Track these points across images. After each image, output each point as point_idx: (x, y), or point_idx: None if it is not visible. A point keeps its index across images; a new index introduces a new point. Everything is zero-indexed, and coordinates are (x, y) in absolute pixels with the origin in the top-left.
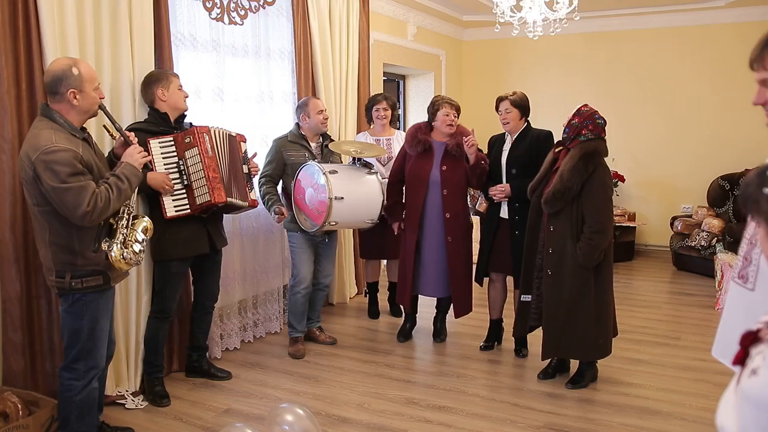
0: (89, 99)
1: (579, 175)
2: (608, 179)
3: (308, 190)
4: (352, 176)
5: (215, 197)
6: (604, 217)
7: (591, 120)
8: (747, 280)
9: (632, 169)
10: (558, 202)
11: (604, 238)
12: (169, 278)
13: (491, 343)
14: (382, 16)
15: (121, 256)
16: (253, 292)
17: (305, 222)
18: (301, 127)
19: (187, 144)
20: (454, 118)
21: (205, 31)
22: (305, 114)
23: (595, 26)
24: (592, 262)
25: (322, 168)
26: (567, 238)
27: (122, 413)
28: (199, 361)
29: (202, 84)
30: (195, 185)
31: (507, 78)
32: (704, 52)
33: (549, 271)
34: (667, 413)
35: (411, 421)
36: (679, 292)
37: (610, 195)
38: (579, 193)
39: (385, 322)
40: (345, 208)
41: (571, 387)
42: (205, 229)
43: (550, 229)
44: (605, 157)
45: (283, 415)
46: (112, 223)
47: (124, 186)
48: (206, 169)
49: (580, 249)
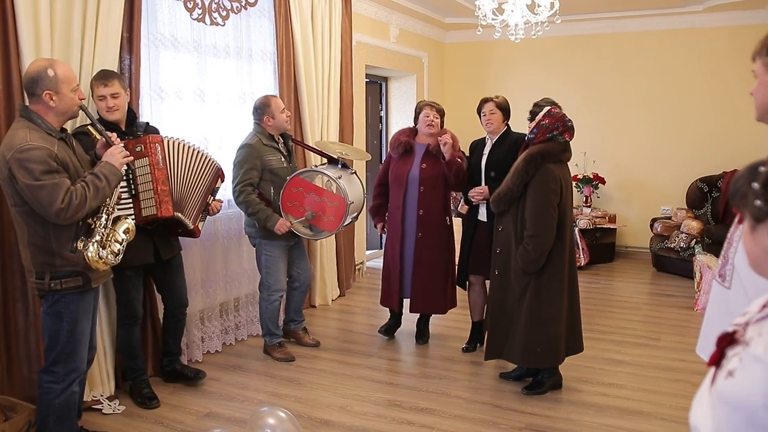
0: (66, 100)
1: (520, 176)
2: (551, 183)
3: (310, 198)
4: (348, 178)
5: (162, 211)
6: (541, 222)
7: (562, 122)
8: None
9: (612, 171)
10: (502, 202)
11: (540, 243)
12: (125, 282)
13: (473, 345)
14: (365, 17)
15: (98, 256)
16: (234, 294)
17: (304, 230)
18: (265, 128)
19: (138, 153)
20: (434, 119)
21: (187, 32)
22: (269, 115)
23: (576, 29)
24: (529, 266)
25: (330, 174)
26: (511, 239)
27: (101, 418)
28: (171, 365)
29: (183, 85)
30: (142, 196)
31: (489, 80)
32: (683, 56)
33: (496, 272)
34: (647, 413)
35: (393, 424)
36: (658, 293)
37: (553, 200)
38: (523, 195)
39: (367, 324)
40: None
41: (527, 393)
42: (151, 240)
43: (498, 229)
44: (567, 161)
45: (264, 418)
46: (90, 222)
47: (101, 184)
48: (155, 182)
49: (519, 252)
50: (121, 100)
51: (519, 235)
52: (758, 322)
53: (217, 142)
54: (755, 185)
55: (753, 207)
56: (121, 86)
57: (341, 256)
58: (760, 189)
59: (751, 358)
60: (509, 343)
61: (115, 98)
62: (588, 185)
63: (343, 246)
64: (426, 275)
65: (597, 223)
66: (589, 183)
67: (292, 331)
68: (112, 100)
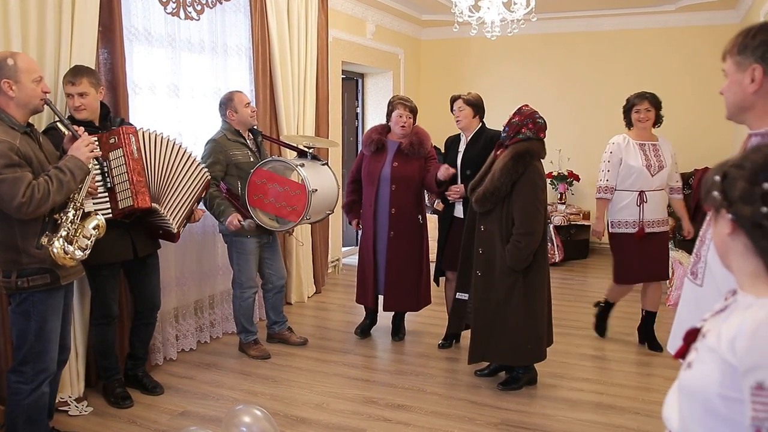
0: (27, 91)
1: (509, 175)
2: (540, 180)
3: (273, 188)
4: (314, 168)
5: (138, 201)
6: (533, 220)
7: (531, 119)
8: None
9: (587, 168)
10: (488, 202)
11: (532, 241)
12: (101, 281)
13: (449, 341)
14: (341, 13)
15: (63, 252)
16: (209, 292)
17: (270, 222)
18: (230, 123)
19: (112, 145)
20: (407, 120)
21: (160, 26)
22: (231, 110)
23: (551, 27)
24: (520, 264)
25: (291, 163)
26: (496, 238)
27: (69, 419)
28: (134, 369)
29: (156, 80)
30: (118, 188)
31: (465, 77)
32: (656, 55)
33: (478, 272)
34: (620, 407)
35: (370, 420)
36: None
37: (542, 197)
38: (510, 193)
39: (343, 321)
40: (317, 201)
41: (502, 389)
42: (129, 236)
43: (480, 228)
44: (542, 158)
45: (240, 416)
46: (57, 218)
47: (65, 178)
48: (130, 172)
49: (508, 251)
50: (90, 99)
51: (505, 234)
52: (716, 314)
53: (191, 138)
54: (717, 178)
55: (712, 197)
56: (90, 84)
57: (317, 253)
58: (719, 181)
59: (706, 349)
60: (494, 343)
61: (83, 97)
62: (563, 182)
63: (318, 243)
64: (398, 274)
65: (571, 220)
66: (563, 180)
67: (278, 333)
68: (79, 99)
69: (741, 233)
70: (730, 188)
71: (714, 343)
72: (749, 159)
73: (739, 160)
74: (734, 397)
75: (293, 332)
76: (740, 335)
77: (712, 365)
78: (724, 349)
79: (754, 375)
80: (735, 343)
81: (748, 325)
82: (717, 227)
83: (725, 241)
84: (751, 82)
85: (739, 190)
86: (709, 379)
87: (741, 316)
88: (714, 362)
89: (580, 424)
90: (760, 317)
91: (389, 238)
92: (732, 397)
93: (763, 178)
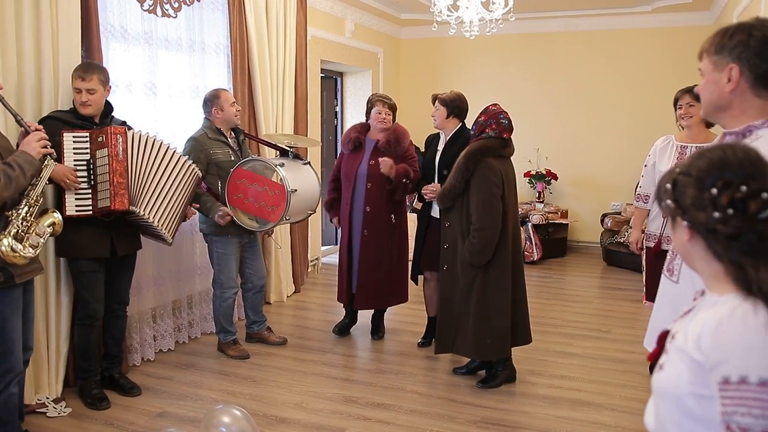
0: None
1: (461, 173)
2: (492, 176)
3: (252, 188)
4: (295, 168)
5: (116, 203)
6: (486, 216)
7: (495, 119)
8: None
9: (564, 167)
10: (446, 199)
11: (486, 235)
12: (81, 277)
13: (429, 340)
14: (320, 12)
15: (11, 249)
16: (187, 291)
17: (250, 222)
18: (213, 121)
19: (100, 143)
20: (386, 116)
21: (137, 23)
22: (218, 107)
23: (529, 27)
24: (476, 259)
25: (271, 162)
26: (458, 234)
27: (46, 421)
28: (109, 370)
29: (133, 78)
30: (100, 187)
31: (444, 76)
32: (633, 55)
33: (445, 267)
34: (598, 404)
35: (349, 420)
36: (609, 287)
37: (496, 193)
38: (466, 191)
39: (322, 320)
40: (297, 201)
41: (481, 386)
42: (108, 235)
43: (445, 225)
44: (504, 156)
45: (219, 416)
46: (8, 215)
47: (14, 174)
48: (112, 173)
49: (465, 246)
50: (97, 96)
51: (465, 230)
52: (684, 315)
53: (169, 136)
54: (667, 186)
55: (666, 206)
56: (100, 82)
57: (296, 253)
58: (670, 189)
59: (675, 350)
60: (460, 336)
61: (91, 94)
62: (541, 181)
63: (298, 242)
64: (370, 272)
65: (550, 219)
66: (542, 179)
67: (257, 333)
68: (87, 95)
69: (699, 238)
70: (681, 196)
71: (682, 343)
72: (694, 166)
73: (685, 167)
74: (706, 395)
75: (272, 332)
76: (704, 333)
77: (682, 365)
78: (691, 348)
79: (720, 370)
80: (700, 340)
81: (711, 322)
82: (676, 234)
83: (686, 246)
84: (728, 81)
85: (689, 197)
86: (681, 379)
87: (705, 314)
88: (683, 362)
89: (559, 421)
90: (721, 313)
91: (362, 237)
92: (704, 395)
93: (710, 184)
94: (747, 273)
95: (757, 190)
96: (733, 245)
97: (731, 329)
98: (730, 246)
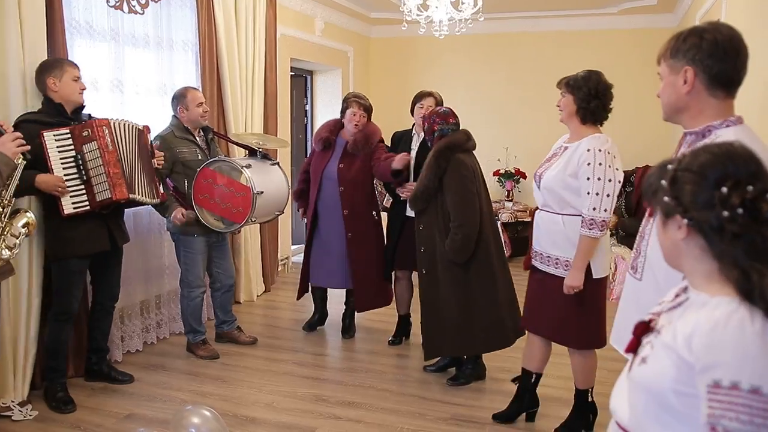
0: None
1: (433, 171)
2: (465, 171)
3: (219, 189)
4: (263, 169)
5: (116, 194)
6: (466, 210)
7: (435, 114)
8: (636, 270)
9: (533, 166)
10: (419, 201)
11: (468, 230)
12: (70, 277)
13: (399, 338)
14: (289, 10)
15: None
16: (155, 291)
17: (216, 222)
18: (180, 119)
19: (86, 137)
20: (360, 118)
21: (103, 20)
22: (183, 106)
23: (498, 27)
24: (459, 256)
25: (237, 164)
26: (435, 235)
27: (11, 425)
28: (99, 364)
29: (99, 75)
30: (94, 181)
31: (414, 75)
32: (600, 56)
33: (423, 270)
34: (565, 400)
35: (321, 419)
36: None
37: (470, 187)
38: (440, 190)
39: (292, 319)
40: (263, 203)
41: (451, 384)
42: (106, 226)
43: (419, 228)
44: (470, 150)
45: (188, 417)
46: None
47: None
48: (106, 165)
49: (447, 244)
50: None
51: (444, 229)
52: (670, 311)
53: None
54: (664, 183)
55: (662, 203)
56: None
57: (266, 252)
58: (668, 186)
59: (661, 345)
60: (448, 338)
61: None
62: (510, 180)
63: (268, 241)
64: (364, 274)
65: (518, 217)
66: (510, 178)
67: (227, 332)
68: (81, 83)
69: (697, 237)
70: (682, 193)
71: (670, 340)
72: (697, 162)
73: (686, 163)
74: (688, 393)
75: (242, 331)
76: (697, 334)
77: (668, 362)
78: (680, 347)
79: (711, 373)
80: (691, 341)
81: (704, 323)
82: (668, 231)
83: (677, 244)
84: (684, 83)
85: (691, 194)
86: (665, 375)
87: (696, 314)
88: (670, 359)
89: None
90: (716, 317)
91: (348, 240)
92: (686, 392)
93: (720, 182)
94: (751, 278)
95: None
96: (738, 245)
97: (727, 334)
98: (735, 246)
